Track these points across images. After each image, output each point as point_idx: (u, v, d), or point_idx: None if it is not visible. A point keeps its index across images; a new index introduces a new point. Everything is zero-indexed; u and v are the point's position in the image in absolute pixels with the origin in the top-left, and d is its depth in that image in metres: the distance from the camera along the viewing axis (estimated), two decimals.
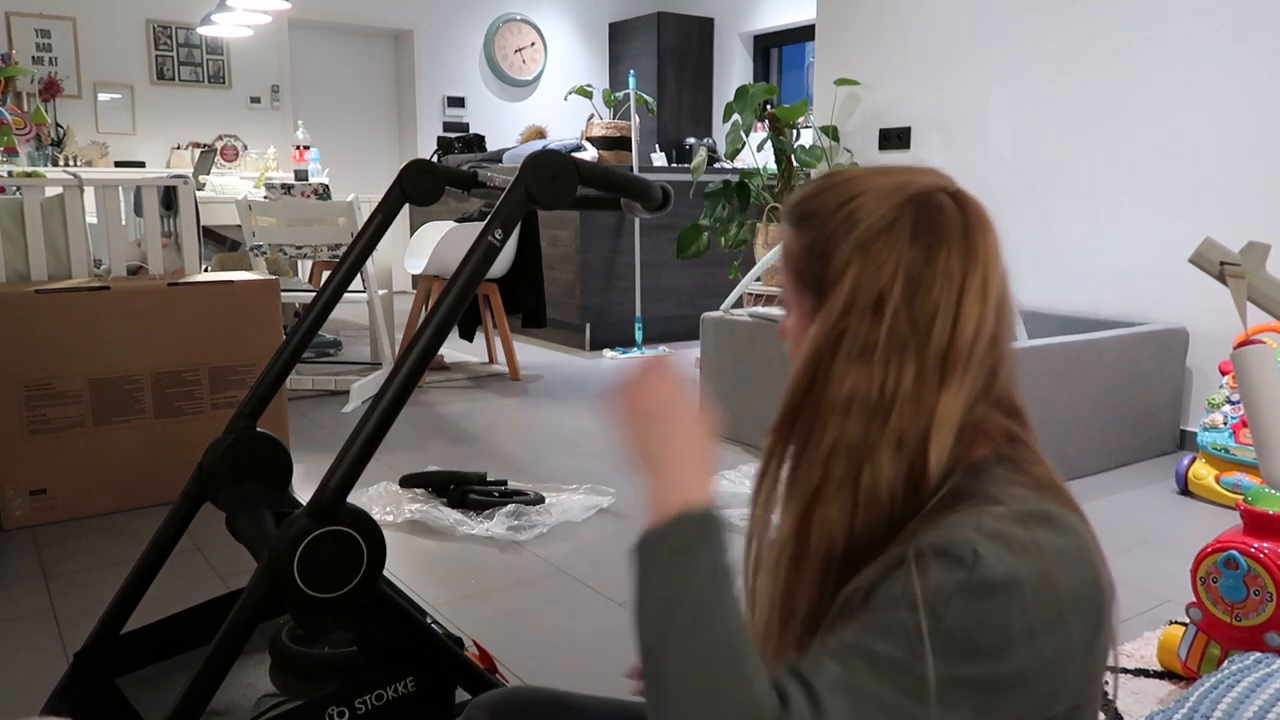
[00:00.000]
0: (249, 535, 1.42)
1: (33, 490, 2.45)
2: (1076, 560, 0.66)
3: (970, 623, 0.61)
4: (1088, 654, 0.66)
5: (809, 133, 4.41)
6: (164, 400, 2.61)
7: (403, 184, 1.58)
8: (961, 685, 0.61)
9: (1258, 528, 1.59)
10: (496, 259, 1.31)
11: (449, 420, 3.60)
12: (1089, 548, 0.68)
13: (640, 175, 1.62)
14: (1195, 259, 1.51)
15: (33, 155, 5.91)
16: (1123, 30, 3.33)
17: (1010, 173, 3.72)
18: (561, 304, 5.28)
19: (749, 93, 4.14)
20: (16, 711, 1.58)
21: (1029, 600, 0.62)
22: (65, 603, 2.01)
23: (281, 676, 1.50)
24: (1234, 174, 3.08)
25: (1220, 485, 2.68)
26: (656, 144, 7.74)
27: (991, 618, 0.62)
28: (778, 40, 8.00)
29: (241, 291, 2.70)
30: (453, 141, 6.70)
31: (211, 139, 6.85)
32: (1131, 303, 3.38)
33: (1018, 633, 0.62)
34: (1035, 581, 0.63)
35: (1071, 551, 0.66)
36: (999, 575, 0.62)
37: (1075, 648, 0.65)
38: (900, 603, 0.63)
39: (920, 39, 3.99)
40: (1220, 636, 1.61)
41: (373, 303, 4.13)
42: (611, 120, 5.58)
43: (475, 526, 2.43)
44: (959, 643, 0.61)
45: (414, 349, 1.27)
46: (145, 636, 1.56)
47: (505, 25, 8.04)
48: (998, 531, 0.64)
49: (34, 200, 2.59)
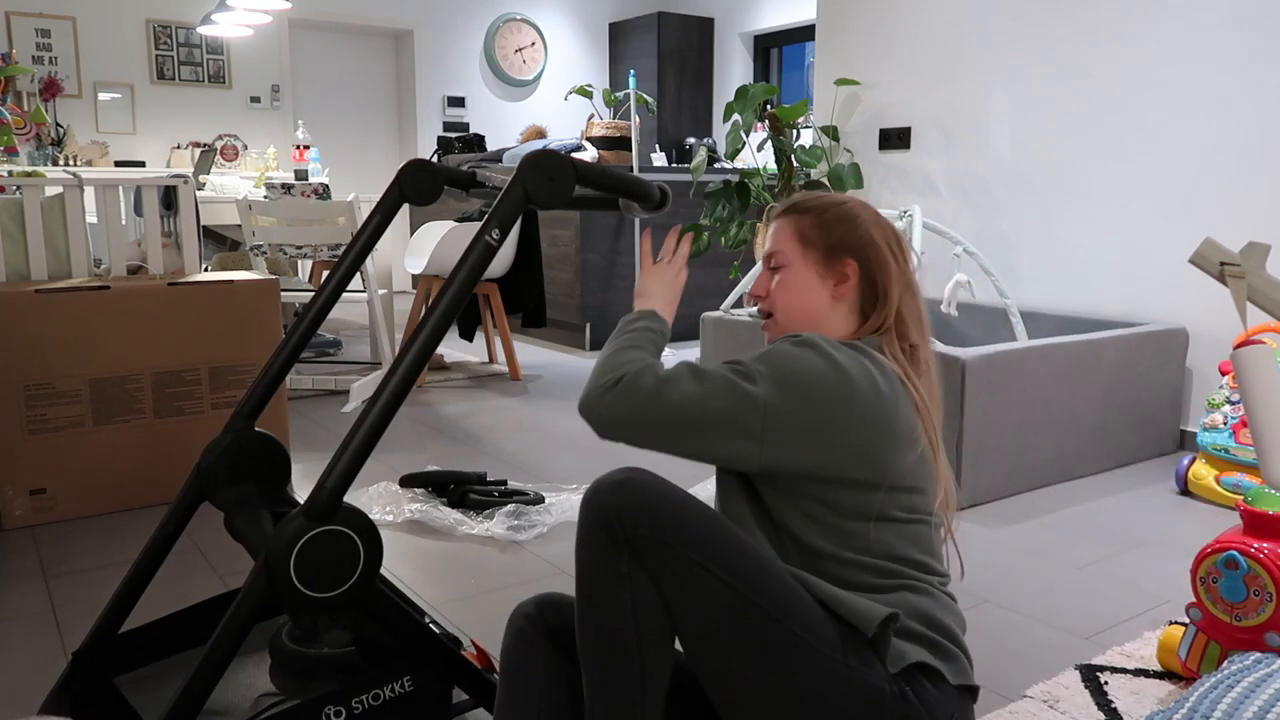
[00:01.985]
0: (247, 535, 1.42)
1: (33, 490, 2.45)
2: (859, 372, 1.12)
3: (782, 360, 1.12)
4: (855, 434, 1.11)
5: (809, 133, 4.41)
6: (164, 400, 2.60)
7: (402, 184, 1.58)
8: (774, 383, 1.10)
9: (1258, 528, 1.59)
10: (496, 258, 1.31)
11: (449, 420, 3.60)
12: (871, 373, 1.13)
13: (638, 175, 1.62)
14: (1195, 259, 1.51)
15: (33, 155, 5.92)
16: (1123, 31, 3.33)
17: (1010, 173, 3.72)
18: (561, 304, 5.28)
19: (749, 93, 4.13)
20: (15, 710, 1.58)
21: (818, 367, 1.11)
22: (65, 602, 2.01)
23: (280, 676, 1.50)
24: (1234, 174, 3.08)
25: (1220, 485, 2.68)
26: (656, 144, 7.74)
27: (795, 363, 1.11)
28: (778, 40, 8.00)
29: (241, 291, 2.70)
30: (453, 141, 6.70)
31: (211, 139, 6.85)
32: (1131, 303, 3.38)
33: (804, 379, 1.10)
34: (828, 362, 1.11)
35: (856, 366, 1.13)
36: (811, 343, 1.13)
37: (839, 421, 1.10)
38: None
39: (920, 39, 3.99)
40: (1220, 636, 1.60)
41: (372, 302, 4.13)
42: (611, 120, 5.58)
43: (475, 526, 2.43)
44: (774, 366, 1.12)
45: (411, 348, 1.27)
46: (144, 636, 1.56)
47: (505, 25, 8.04)
48: (832, 341, 1.15)
49: (34, 200, 2.59)
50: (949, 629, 1.16)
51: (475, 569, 2.20)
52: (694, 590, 1.04)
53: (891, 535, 1.15)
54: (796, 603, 1.07)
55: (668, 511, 1.06)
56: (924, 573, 1.17)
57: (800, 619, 1.06)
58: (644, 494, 1.06)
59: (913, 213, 3.19)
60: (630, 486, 1.07)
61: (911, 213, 3.19)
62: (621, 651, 1.07)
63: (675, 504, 1.07)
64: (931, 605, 1.16)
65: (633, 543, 1.05)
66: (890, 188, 4.18)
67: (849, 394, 1.11)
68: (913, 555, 1.16)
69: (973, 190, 3.86)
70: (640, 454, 2.84)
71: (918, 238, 3.12)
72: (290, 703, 1.32)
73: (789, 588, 1.08)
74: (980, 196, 3.84)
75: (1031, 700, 1.62)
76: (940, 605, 1.17)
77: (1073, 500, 2.72)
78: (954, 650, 1.15)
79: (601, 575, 1.07)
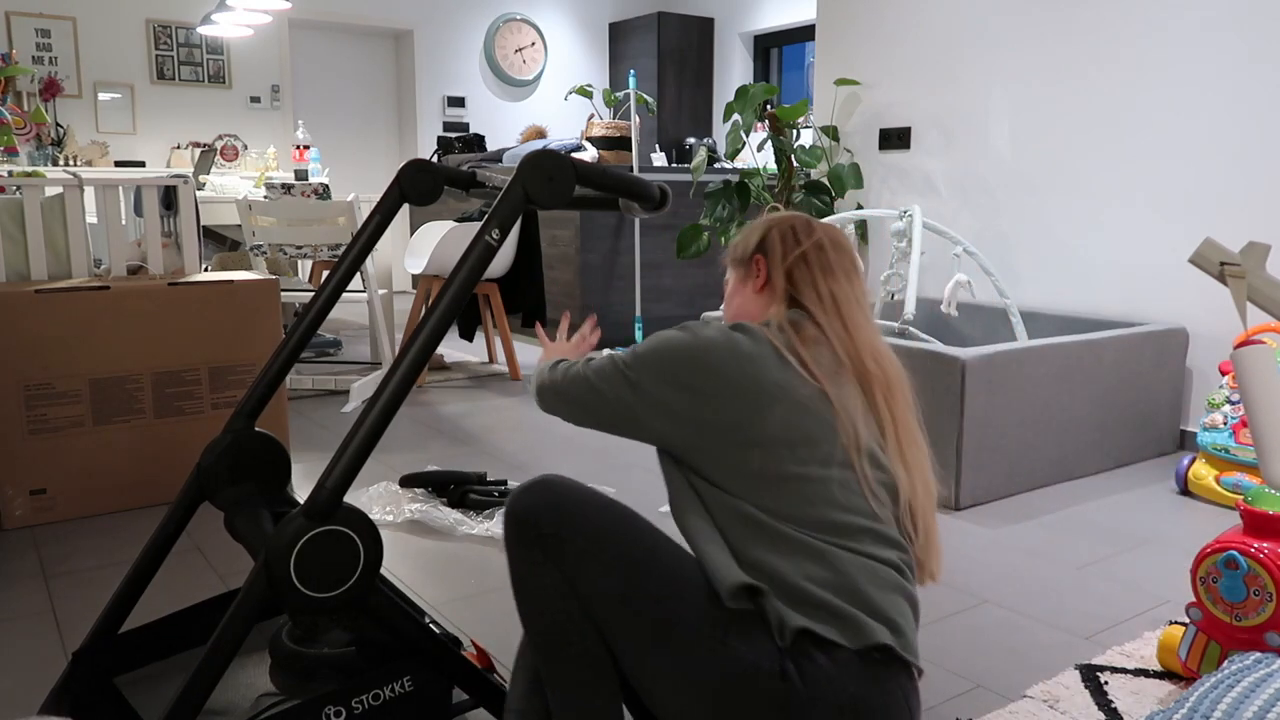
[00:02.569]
0: (247, 535, 1.42)
1: (33, 490, 2.45)
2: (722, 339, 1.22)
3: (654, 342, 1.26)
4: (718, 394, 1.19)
5: (809, 133, 4.41)
6: (164, 400, 2.61)
7: (402, 184, 1.58)
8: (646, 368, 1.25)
9: (1258, 528, 1.59)
10: (496, 258, 1.31)
11: (449, 420, 3.60)
12: (734, 340, 1.22)
13: (638, 175, 1.63)
14: (1195, 259, 1.51)
15: (33, 155, 5.92)
16: (1123, 31, 3.33)
17: (1010, 173, 3.72)
18: (561, 304, 5.28)
19: (749, 93, 4.13)
20: (15, 710, 1.58)
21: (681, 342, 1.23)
22: (65, 602, 2.01)
23: (280, 676, 1.50)
24: (1234, 174, 3.08)
25: (1220, 485, 2.68)
26: (656, 144, 7.74)
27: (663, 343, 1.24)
28: (778, 40, 8.00)
29: (241, 291, 2.70)
30: (453, 141, 6.70)
31: (211, 139, 6.85)
32: (1131, 303, 3.38)
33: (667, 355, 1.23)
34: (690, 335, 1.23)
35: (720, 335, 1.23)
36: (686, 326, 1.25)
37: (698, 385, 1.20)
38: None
39: (920, 39, 3.99)
40: (1220, 636, 1.61)
41: (372, 302, 4.13)
42: (611, 120, 5.58)
43: (475, 526, 2.43)
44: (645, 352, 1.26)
45: (411, 348, 1.27)
46: (144, 636, 1.56)
47: (505, 25, 8.04)
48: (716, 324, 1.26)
49: (34, 200, 2.59)
50: (855, 590, 1.11)
51: (475, 569, 2.20)
52: (589, 576, 1.15)
53: (789, 496, 1.16)
54: (686, 585, 1.14)
55: (567, 507, 1.18)
56: (827, 532, 1.14)
57: (688, 599, 1.12)
58: (546, 493, 1.19)
59: (913, 213, 3.19)
60: (535, 488, 1.20)
61: (911, 213, 3.19)
62: (559, 633, 1.17)
63: (575, 500, 1.19)
64: (833, 565, 1.12)
65: (541, 538, 1.17)
66: (890, 188, 4.18)
67: (705, 357, 1.22)
68: (813, 514, 1.15)
69: (973, 190, 3.86)
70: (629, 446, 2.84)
71: (918, 238, 3.12)
72: (290, 703, 1.32)
73: (680, 571, 1.15)
74: (980, 196, 3.84)
75: (1031, 700, 1.62)
76: (845, 564, 1.13)
77: (1073, 500, 2.72)
78: (849, 611, 1.10)
79: (522, 568, 1.19)
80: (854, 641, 1.09)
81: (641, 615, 1.13)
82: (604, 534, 1.16)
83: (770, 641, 1.09)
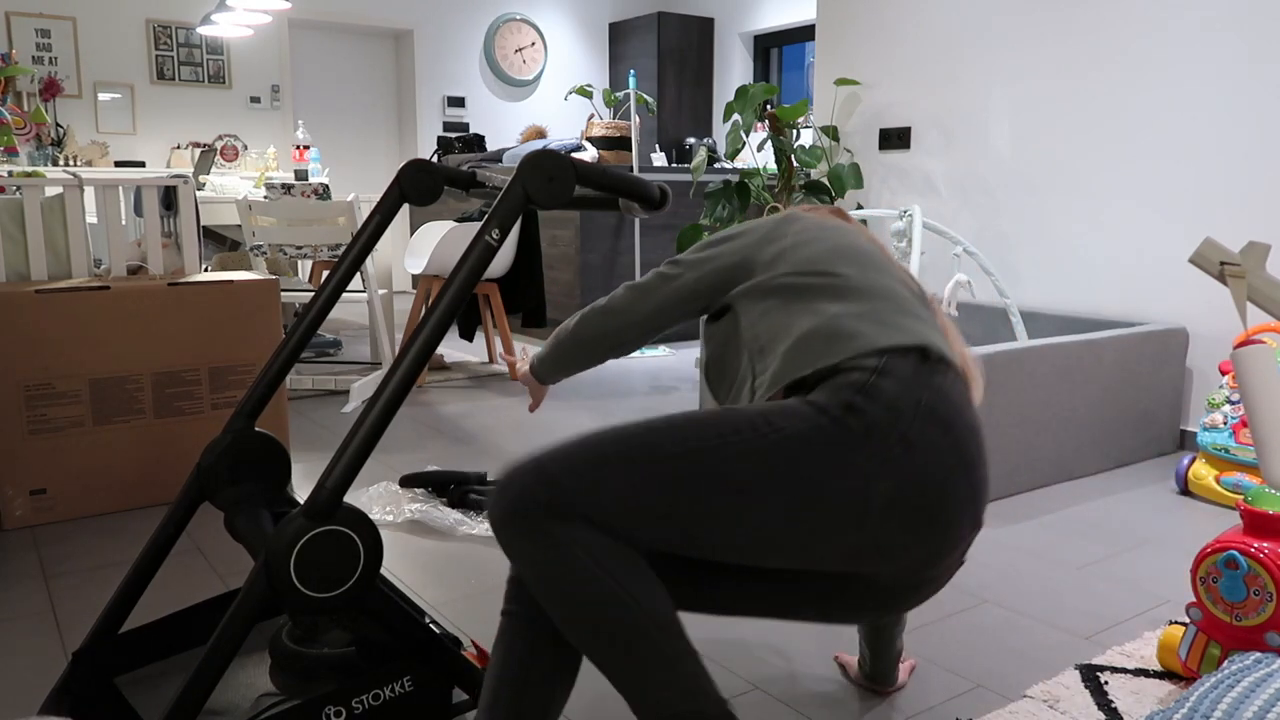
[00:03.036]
0: (247, 535, 1.42)
1: (33, 490, 2.45)
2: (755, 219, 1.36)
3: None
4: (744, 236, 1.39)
5: (809, 133, 4.41)
6: (164, 400, 2.61)
7: (402, 184, 1.58)
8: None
9: (1258, 528, 1.59)
10: (496, 258, 1.31)
11: (449, 420, 3.60)
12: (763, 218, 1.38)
13: (638, 175, 1.63)
14: (1195, 259, 1.51)
15: (33, 155, 5.92)
16: (1123, 31, 3.33)
17: (1010, 173, 3.72)
18: (561, 304, 5.28)
19: (749, 93, 4.13)
20: (15, 711, 1.58)
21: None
22: (65, 603, 2.01)
23: (280, 676, 1.50)
24: (1234, 174, 3.08)
25: (1220, 485, 2.68)
26: (656, 144, 7.74)
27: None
28: (778, 40, 8.00)
29: (241, 291, 2.70)
30: (453, 141, 6.70)
31: (211, 139, 6.86)
32: (1131, 303, 3.38)
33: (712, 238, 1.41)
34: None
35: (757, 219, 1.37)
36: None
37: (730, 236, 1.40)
38: None
39: (920, 39, 3.99)
40: (1220, 636, 1.61)
41: (372, 302, 4.13)
42: (611, 120, 5.58)
43: (475, 526, 2.43)
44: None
45: (411, 348, 1.27)
46: (144, 636, 1.56)
47: (505, 25, 8.04)
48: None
49: (34, 200, 2.59)
50: (883, 319, 1.20)
51: (475, 569, 2.20)
52: (611, 499, 1.05)
53: (823, 262, 1.29)
54: (696, 426, 1.09)
55: (550, 468, 1.07)
56: (858, 284, 1.26)
57: (707, 434, 1.08)
58: (523, 474, 1.07)
59: (913, 213, 3.19)
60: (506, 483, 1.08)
61: (911, 213, 3.19)
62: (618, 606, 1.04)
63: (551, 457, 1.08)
64: (860, 300, 1.23)
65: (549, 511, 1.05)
66: (890, 188, 4.18)
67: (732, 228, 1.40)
68: (842, 269, 1.28)
69: (973, 190, 3.86)
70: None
71: (918, 238, 3.12)
72: (290, 703, 1.32)
73: (686, 426, 1.10)
74: (980, 196, 3.84)
75: (1031, 700, 1.62)
76: (874, 300, 1.24)
77: (1073, 500, 2.72)
78: (885, 325, 1.18)
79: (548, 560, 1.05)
80: (884, 338, 1.16)
81: (679, 483, 1.06)
82: (596, 457, 1.07)
83: (808, 404, 1.11)
